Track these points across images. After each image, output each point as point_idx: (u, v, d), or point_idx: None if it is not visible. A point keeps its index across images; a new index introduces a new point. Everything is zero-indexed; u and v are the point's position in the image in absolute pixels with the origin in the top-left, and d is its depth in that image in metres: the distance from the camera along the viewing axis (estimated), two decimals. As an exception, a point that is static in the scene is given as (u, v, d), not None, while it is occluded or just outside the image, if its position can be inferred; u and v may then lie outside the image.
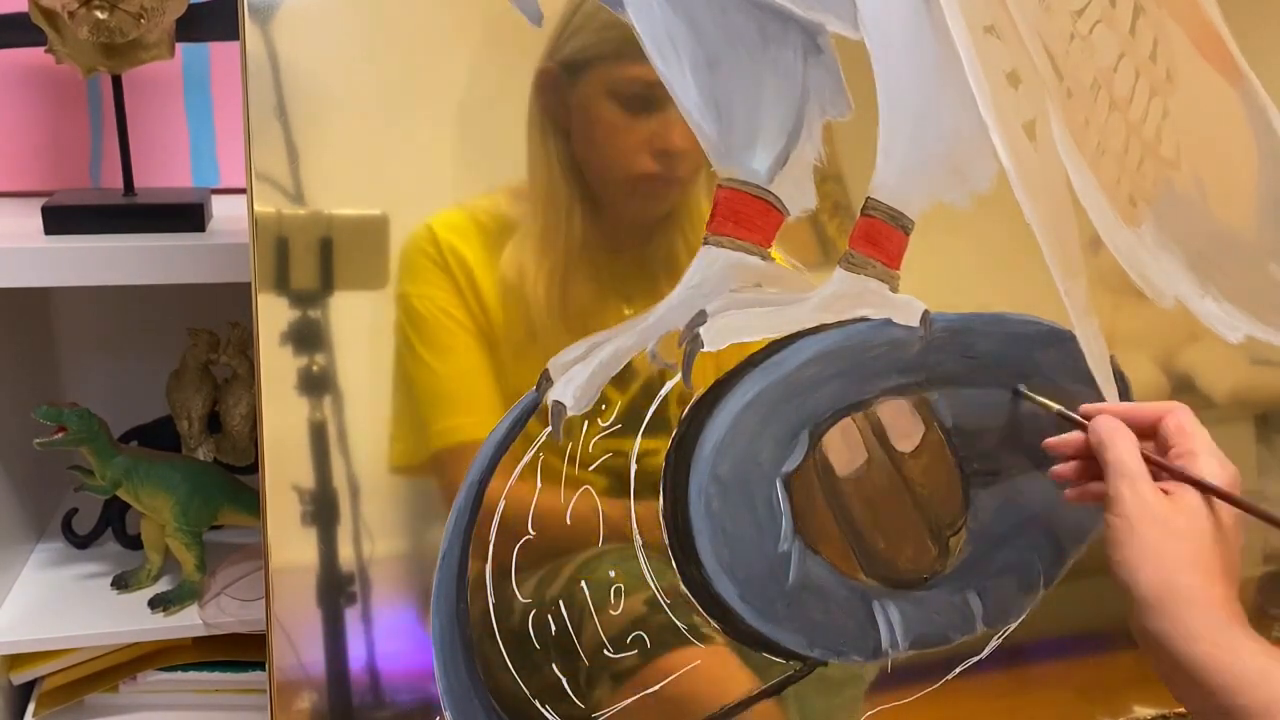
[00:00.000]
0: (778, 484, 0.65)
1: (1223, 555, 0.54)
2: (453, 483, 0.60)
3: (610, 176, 0.59)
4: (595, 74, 0.57)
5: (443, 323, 0.59)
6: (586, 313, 0.61)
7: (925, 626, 0.68)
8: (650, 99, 0.57)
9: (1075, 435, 0.63)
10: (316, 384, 0.59)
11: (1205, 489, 0.56)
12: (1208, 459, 0.57)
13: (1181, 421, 0.59)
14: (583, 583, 0.63)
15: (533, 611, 0.62)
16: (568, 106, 0.58)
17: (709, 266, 0.64)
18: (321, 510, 0.59)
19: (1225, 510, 0.56)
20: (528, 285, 0.59)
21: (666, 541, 0.63)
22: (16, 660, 0.87)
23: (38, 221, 0.78)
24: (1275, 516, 0.56)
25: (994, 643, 0.70)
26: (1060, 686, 0.72)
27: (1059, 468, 0.64)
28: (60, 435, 0.82)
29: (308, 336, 0.59)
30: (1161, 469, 0.58)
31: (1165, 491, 0.56)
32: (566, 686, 0.63)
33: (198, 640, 0.89)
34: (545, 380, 0.62)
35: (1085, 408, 0.63)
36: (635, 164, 0.59)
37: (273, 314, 0.59)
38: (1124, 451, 0.58)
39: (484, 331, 0.59)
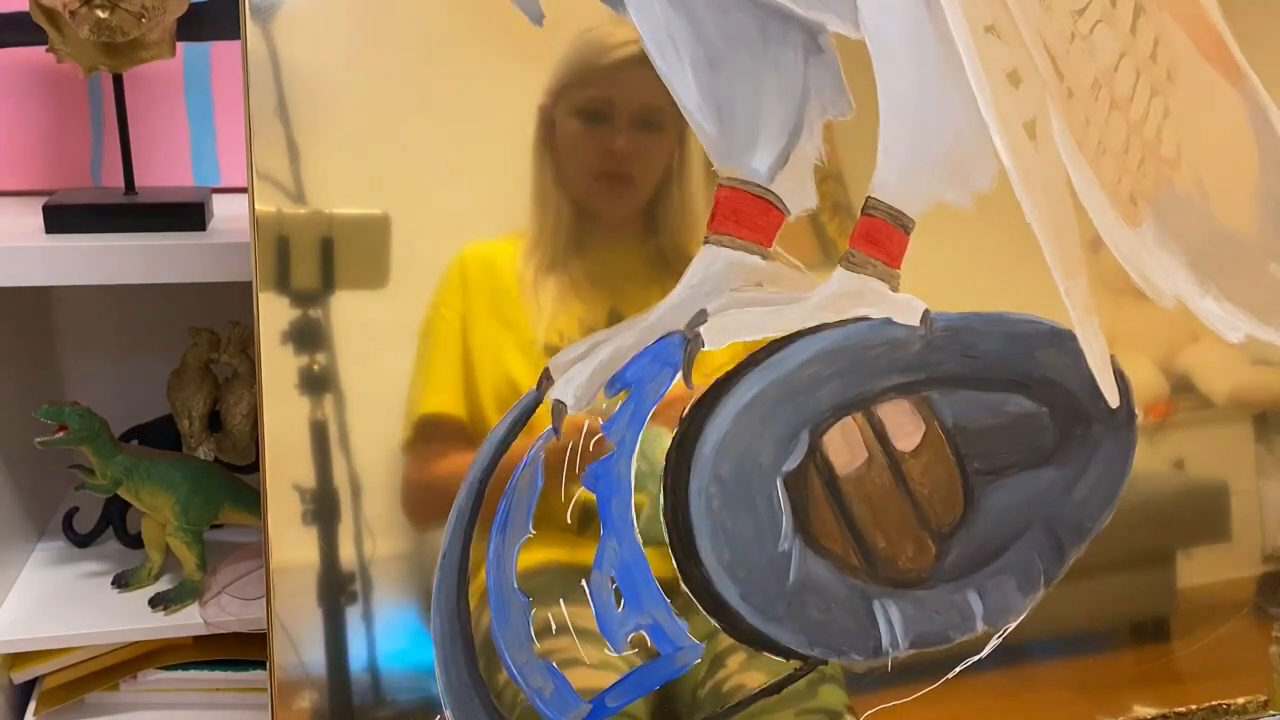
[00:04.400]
0: (778, 483, 0.65)
1: None
2: (433, 448, 0.62)
3: (582, 180, 0.64)
4: (565, 98, 0.63)
5: (438, 323, 0.62)
6: (571, 306, 0.64)
7: (925, 625, 0.68)
8: (600, 113, 0.64)
9: None
10: (317, 383, 0.59)
11: None
12: None
13: None
14: (583, 581, 0.63)
15: (534, 610, 0.62)
16: (554, 129, 0.64)
17: (710, 265, 0.64)
18: (322, 509, 0.59)
19: None
20: (519, 282, 0.64)
21: (667, 540, 0.63)
22: (17, 659, 0.87)
23: (38, 220, 0.78)
24: None
25: (994, 642, 0.70)
26: (1060, 686, 0.72)
27: None
28: (61, 434, 0.82)
29: (308, 336, 0.59)
30: None
31: None
32: (569, 684, 0.63)
33: (198, 639, 0.89)
34: (546, 379, 0.62)
35: None
36: (593, 164, 0.65)
37: (273, 313, 0.59)
38: None
39: (472, 326, 0.63)
